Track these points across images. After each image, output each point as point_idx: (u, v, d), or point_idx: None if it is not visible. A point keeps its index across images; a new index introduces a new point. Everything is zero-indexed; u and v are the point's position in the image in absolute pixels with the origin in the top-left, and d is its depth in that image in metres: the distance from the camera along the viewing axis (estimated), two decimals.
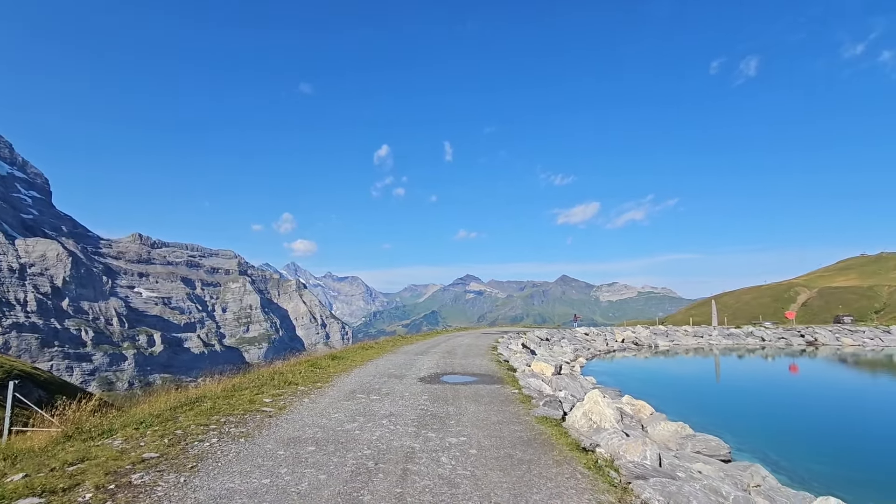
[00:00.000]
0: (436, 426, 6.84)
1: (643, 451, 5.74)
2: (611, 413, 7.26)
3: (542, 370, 13.53)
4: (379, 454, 5.55)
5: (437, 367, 13.15)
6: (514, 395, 9.27)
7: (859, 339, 33.73)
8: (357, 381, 10.59)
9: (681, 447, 8.69)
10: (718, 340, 35.05)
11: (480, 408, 8.05)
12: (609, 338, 34.13)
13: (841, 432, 12.73)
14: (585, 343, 30.70)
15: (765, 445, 10.47)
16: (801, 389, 19.43)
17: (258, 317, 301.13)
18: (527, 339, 26.26)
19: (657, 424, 9.90)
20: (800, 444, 11.10)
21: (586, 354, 26.16)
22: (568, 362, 21.02)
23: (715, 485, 5.10)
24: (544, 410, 7.57)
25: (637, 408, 11.80)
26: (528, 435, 6.40)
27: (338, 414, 7.47)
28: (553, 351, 24.38)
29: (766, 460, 9.41)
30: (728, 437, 10.46)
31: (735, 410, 14.92)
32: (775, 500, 6.10)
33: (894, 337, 33.81)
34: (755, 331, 37.79)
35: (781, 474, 8.57)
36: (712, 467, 6.60)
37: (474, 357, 15.74)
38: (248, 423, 6.77)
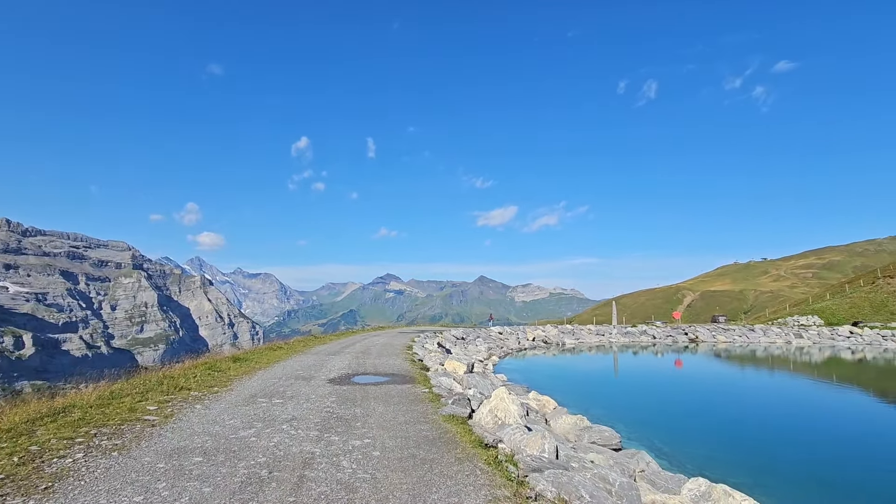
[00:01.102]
0: (340, 429, 6.60)
1: (542, 445, 5.99)
2: (515, 409, 7.50)
3: (455, 369, 13.71)
4: (274, 461, 5.21)
5: (348, 368, 12.79)
6: (425, 394, 9.27)
7: (730, 337, 38.52)
8: (259, 385, 9.95)
9: (578, 438, 9.23)
10: (617, 338, 38.07)
11: (389, 408, 7.93)
12: (521, 336, 35.63)
13: (713, 419, 14.37)
14: (499, 342, 31.75)
15: (651, 434, 11.48)
16: (684, 382, 21.70)
17: (154, 315, 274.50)
18: (443, 338, 26.55)
19: (559, 418, 10.44)
20: (680, 431, 12.33)
21: (499, 353, 27.05)
22: (481, 360, 21.56)
23: (604, 473, 5.45)
24: (452, 409, 7.63)
25: (542, 403, 12.37)
26: (434, 434, 6.41)
27: (233, 420, 6.94)
28: (468, 350, 24.90)
29: (651, 447, 10.32)
30: (620, 428, 11.32)
31: (628, 402, 16.23)
32: (656, 483, 6.67)
33: (757, 335, 39.03)
34: (648, 329, 41.61)
35: (663, 459, 9.44)
36: (603, 456, 7.07)
37: (388, 357, 15.56)
38: (124, 434, 6.04)
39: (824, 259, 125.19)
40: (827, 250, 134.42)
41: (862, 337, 36.29)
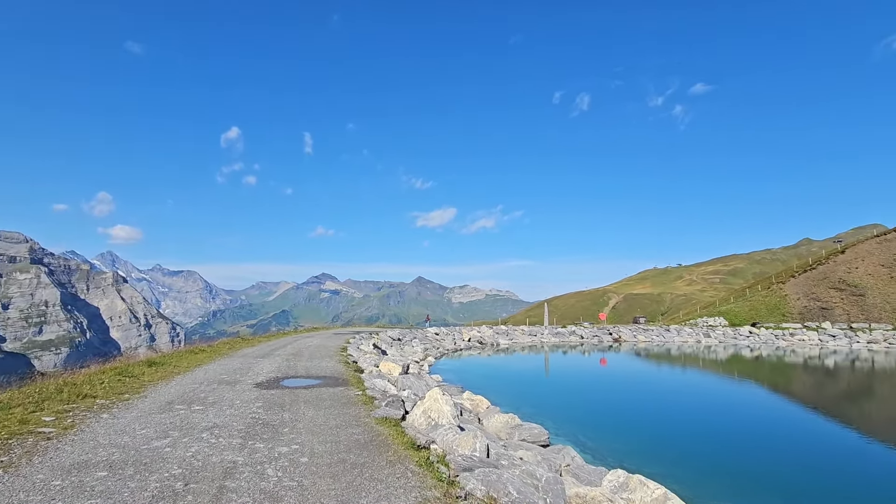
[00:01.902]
0: (266, 435, 6.30)
1: (474, 444, 6.09)
2: (449, 410, 7.57)
3: (390, 370, 13.59)
4: (192, 473, 4.86)
5: (278, 371, 12.26)
6: (358, 396, 9.09)
7: (649, 337, 41.42)
8: (178, 390, 9.27)
9: (509, 436, 9.49)
10: (548, 339, 39.64)
11: (320, 412, 7.69)
12: (457, 337, 36.06)
13: (632, 413, 15.36)
14: (435, 342, 31.92)
15: (577, 429, 12.05)
16: (608, 379, 23.02)
17: (57, 315, 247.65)
18: (379, 339, 26.24)
19: (491, 417, 10.67)
20: (603, 426, 13.05)
21: (435, 353, 27.19)
22: (417, 361, 21.55)
23: (531, 469, 5.64)
24: (385, 411, 7.55)
25: (476, 402, 12.58)
26: (366, 437, 6.30)
27: (145, 430, 6.40)
28: (404, 351, 24.79)
29: (577, 442, 10.83)
30: (549, 424, 11.77)
31: (557, 400, 16.94)
32: (579, 476, 7.01)
33: (672, 335, 42.29)
34: (577, 330, 43.71)
35: (587, 453, 9.94)
36: (532, 453, 7.32)
37: (321, 359, 15.11)
38: (12, 449, 5.37)
39: (729, 266, 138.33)
40: (732, 258, 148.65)
41: (759, 336, 40.49)
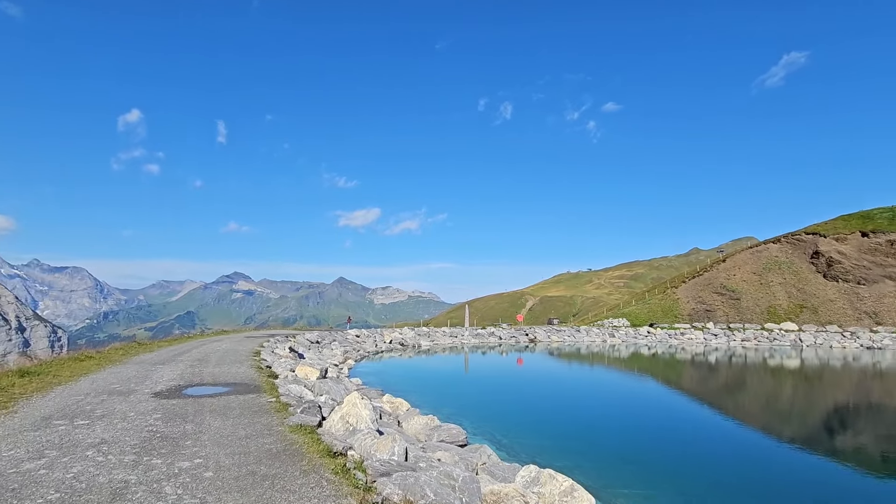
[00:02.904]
0: (165, 450, 5.78)
1: (392, 448, 6.05)
2: (367, 414, 7.45)
3: (307, 375, 13.10)
4: (72, 497, 4.32)
5: (180, 379, 11.30)
6: (271, 403, 8.64)
7: (562, 337, 43.96)
8: (57, 404, 8.19)
9: (429, 438, 9.55)
10: (468, 340, 40.54)
11: (227, 422, 7.20)
12: (378, 339, 35.65)
13: (545, 410, 16.17)
14: (356, 345, 31.29)
15: (494, 428, 12.43)
16: (523, 378, 24.04)
17: None
18: (296, 342, 25.17)
19: (411, 419, 10.68)
20: (518, 424, 13.58)
21: (355, 356, 26.65)
22: (336, 365, 20.98)
23: (449, 469, 5.72)
24: (301, 418, 7.26)
25: (396, 405, 12.52)
26: (279, 447, 6.00)
27: (14, 451, 5.58)
28: (322, 354, 24.01)
29: (493, 440, 11.18)
30: (467, 424, 12.02)
31: (476, 400, 17.36)
32: (494, 473, 7.24)
33: (582, 335, 45.25)
34: (495, 331, 45.18)
35: (503, 451, 10.29)
36: (450, 453, 7.43)
37: (231, 364, 14.16)
38: None
39: (633, 271, 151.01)
40: (635, 264, 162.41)
41: (655, 335, 44.60)
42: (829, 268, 51.69)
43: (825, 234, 54.94)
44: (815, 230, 56.61)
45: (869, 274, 49.38)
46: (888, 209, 55.56)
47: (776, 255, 56.78)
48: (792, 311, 49.50)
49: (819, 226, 57.44)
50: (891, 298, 47.24)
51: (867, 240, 52.18)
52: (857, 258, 50.86)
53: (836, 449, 12.12)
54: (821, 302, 49.51)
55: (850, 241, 52.85)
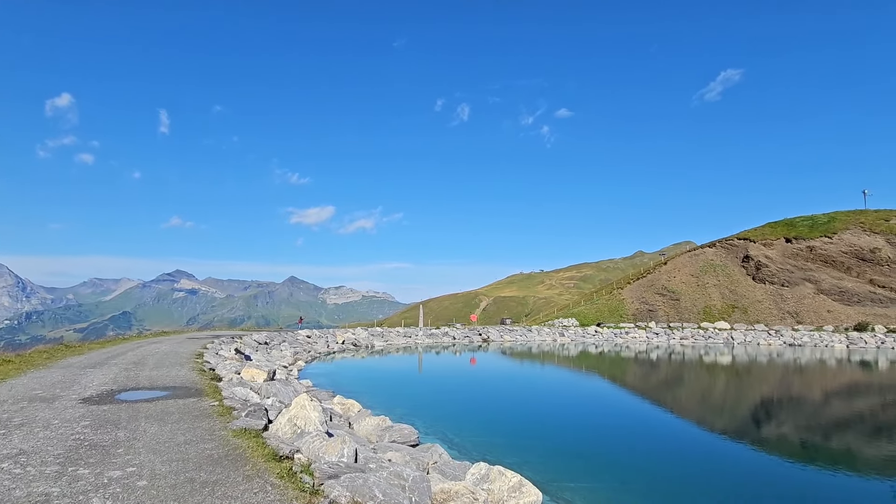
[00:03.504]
0: (94, 459, 5.38)
1: (341, 450, 5.94)
2: (317, 416, 7.28)
3: (254, 377, 12.63)
4: None
5: (114, 383, 10.58)
6: (213, 407, 8.26)
7: (514, 336, 44.86)
8: None
9: (380, 439, 9.47)
10: (422, 340, 40.53)
11: (165, 428, 6.81)
12: (330, 339, 34.94)
13: (497, 408, 16.43)
14: (307, 346, 30.50)
15: (446, 427, 12.49)
16: (476, 377, 24.32)
17: None
18: (242, 343, 24.21)
19: (363, 420, 10.54)
20: (470, 422, 13.72)
21: (306, 357, 25.98)
22: (285, 366, 20.37)
23: (399, 470, 5.69)
24: (245, 422, 6.98)
25: (347, 407, 12.31)
26: (221, 452, 5.74)
27: None
28: (271, 356, 23.23)
29: (445, 439, 11.23)
30: (420, 424, 12.01)
31: (428, 399, 17.38)
32: (445, 472, 7.28)
33: (533, 334, 46.37)
34: (449, 331, 45.45)
35: (455, 450, 10.36)
36: (401, 454, 7.39)
37: (170, 367, 13.41)
38: None
39: (582, 273, 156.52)
40: (584, 266, 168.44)
41: (602, 334, 46.43)
42: (757, 271, 55.80)
43: (754, 239, 59.30)
44: (745, 236, 60.97)
45: (791, 277, 53.76)
46: (808, 217, 60.74)
47: (712, 259, 60.64)
48: (725, 310, 53.00)
49: (749, 232, 61.92)
50: (809, 300, 51.63)
51: (790, 245, 56.79)
52: (782, 262, 55.24)
53: (762, 438, 13.10)
54: (750, 302, 53.34)
55: (775, 247, 57.32)
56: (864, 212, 58.91)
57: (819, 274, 53.04)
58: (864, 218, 57.02)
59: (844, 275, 52.45)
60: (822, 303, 50.99)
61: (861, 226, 55.82)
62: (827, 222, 57.89)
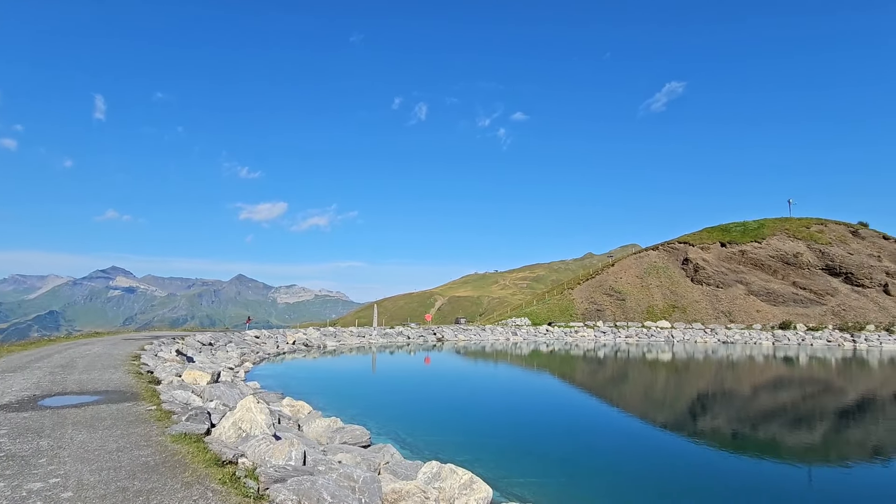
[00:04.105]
0: (11, 471, 4.93)
1: (289, 453, 5.77)
2: (263, 418, 7.02)
3: (196, 379, 12.02)
4: None
5: (37, 388, 9.74)
6: (151, 412, 7.78)
7: (468, 336, 45.28)
8: None
9: (330, 440, 9.28)
10: (377, 339, 40.11)
11: (95, 435, 6.34)
12: (280, 340, 33.87)
13: (450, 407, 16.51)
14: (255, 346, 29.41)
15: (399, 427, 12.42)
16: (430, 376, 24.34)
17: None
18: (185, 344, 23.01)
19: (313, 422, 10.29)
20: (423, 421, 13.72)
21: (254, 358, 25.04)
22: (231, 368, 19.55)
23: (349, 471, 5.59)
24: (186, 426, 6.63)
25: (296, 408, 11.99)
26: (157, 459, 5.42)
27: None
28: (216, 357, 22.22)
29: (398, 439, 11.16)
30: (372, 425, 11.87)
31: (382, 399, 17.20)
32: (397, 472, 7.23)
33: (487, 333, 47.01)
34: (404, 330, 45.24)
35: (407, 449, 10.31)
36: (351, 455, 7.28)
37: (103, 370, 12.52)
38: None
39: (535, 273, 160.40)
40: (536, 266, 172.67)
41: (553, 333, 47.77)
42: (695, 273, 59.29)
43: (693, 243, 62.99)
44: (685, 240, 64.66)
45: (725, 279, 57.51)
46: (740, 224, 65.23)
47: (655, 261, 63.84)
48: (666, 310, 55.93)
49: (689, 236, 65.71)
50: (741, 300, 55.44)
51: (725, 249, 60.76)
52: (717, 265, 58.99)
53: (698, 430, 13.92)
54: (689, 302, 56.59)
55: (711, 251, 61.14)
56: (789, 219, 63.98)
57: (749, 276, 57.07)
58: (789, 225, 61.94)
59: (771, 277, 56.72)
60: (752, 303, 54.90)
61: (786, 232, 60.60)
62: (757, 228, 62.41)
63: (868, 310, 51.15)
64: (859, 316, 50.27)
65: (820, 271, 55.98)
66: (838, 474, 10.16)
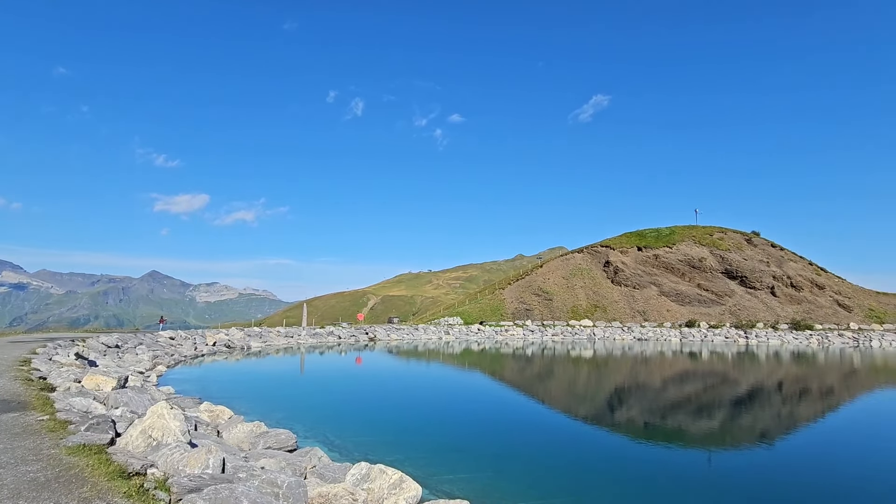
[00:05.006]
0: None
1: (206, 460, 5.40)
2: (177, 425, 6.52)
3: (99, 385, 10.92)
4: None
5: None
6: (43, 422, 6.95)
7: (401, 335, 45.13)
8: None
9: (253, 446, 8.83)
10: (306, 340, 38.78)
11: None
12: (199, 341, 31.68)
13: (380, 406, 16.33)
14: (169, 348, 27.25)
15: (328, 429, 12.08)
16: (361, 377, 23.93)
17: None
18: (86, 346, 20.80)
19: (234, 428, 9.73)
20: (354, 422, 13.45)
21: (168, 361, 23.20)
22: (142, 372, 17.99)
23: (273, 477, 5.35)
24: (85, 437, 5.99)
25: (216, 414, 11.27)
26: (50, 474, 4.84)
27: None
28: (123, 360, 20.33)
29: (326, 442, 10.86)
30: (299, 428, 11.46)
31: (310, 401, 16.64)
32: (324, 475, 7.03)
33: (420, 333, 47.12)
34: (335, 330, 44.13)
35: (336, 452, 10.06)
36: (276, 460, 6.97)
37: None
38: None
39: (468, 273, 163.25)
40: (469, 267, 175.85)
41: (484, 332, 48.91)
42: (615, 275, 63.43)
43: (614, 247, 67.36)
44: (607, 244, 68.98)
45: (641, 280, 62.10)
46: (654, 230, 70.76)
47: (580, 264, 67.49)
48: (589, 310, 59.31)
49: (610, 240, 70.18)
50: (654, 300, 60.13)
51: (641, 253, 65.58)
52: (634, 268, 63.53)
53: (615, 421, 14.91)
54: (609, 302, 60.42)
55: (629, 254, 65.75)
56: (695, 227, 70.39)
57: (661, 278, 62.06)
58: (695, 232, 68.14)
59: (680, 280, 62.08)
60: (664, 303, 59.74)
61: (693, 238, 66.62)
62: (669, 234, 68.02)
63: (758, 309, 57.57)
64: (751, 315, 56.44)
65: (720, 275, 62.15)
66: (733, 456, 11.33)
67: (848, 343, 45.86)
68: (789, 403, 18.32)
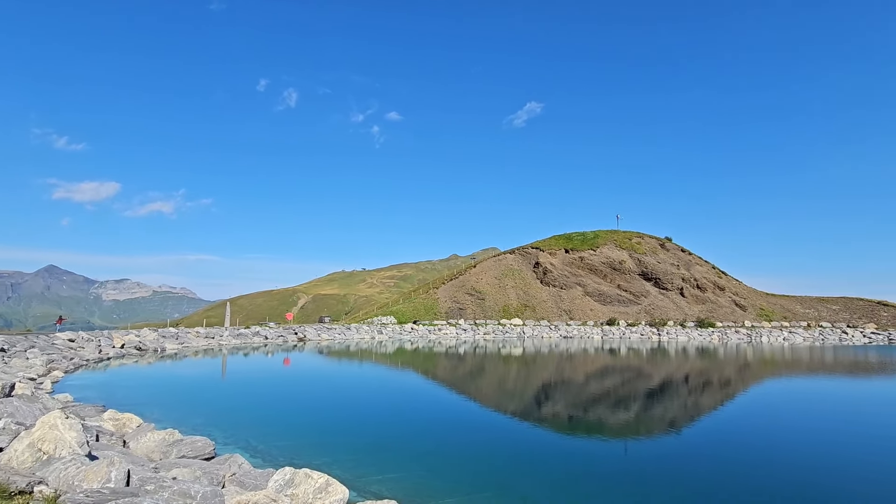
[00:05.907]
0: None
1: (108, 474, 4.92)
2: (73, 437, 5.88)
3: None
4: None
5: None
6: None
7: (332, 335, 43.99)
8: None
9: (165, 455, 8.20)
10: (229, 341, 36.61)
11: None
12: (105, 343, 28.85)
13: (308, 409, 15.80)
14: (69, 352, 24.55)
15: (250, 434, 11.47)
16: (289, 378, 23.02)
17: None
18: None
19: (143, 437, 8.97)
20: (278, 426, 12.87)
21: (66, 366, 20.88)
22: (33, 378, 16.07)
23: (186, 487, 4.99)
24: None
25: (122, 422, 10.32)
26: None
27: None
28: (10, 365, 18.02)
29: (248, 447, 10.31)
30: (218, 434, 10.80)
31: (231, 406, 15.72)
32: (245, 483, 6.68)
33: (352, 332, 46.22)
34: (261, 330, 42.08)
35: (258, 458, 9.59)
36: (190, 469, 6.51)
37: None
38: None
39: (402, 272, 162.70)
40: (404, 266, 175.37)
41: (418, 331, 48.98)
42: (544, 276, 66.20)
43: (543, 249, 70.27)
44: (537, 245, 71.82)
45: (567, 281, 65.31)
46: (580, 233, 74.73)
47: (511, 264, 69.68)
48: (519, 309, 61.38)
49: (539, 242, 73.12)
50: (579, 300, 63.49)
51: (568, 255, 68.98)
52: (562, 269, 66.68)
53: (542, 415, 15.55)
54: (538, 302, 62.92)
55: (557, 256, 68.91)
56: (616, 232, 75.24)
57: (586, 279, 65.68)
58: (616, 236, 72.83)
59: (602, 281, 66.05)
60: (588, 303, 63.26)
61: (614, 242, 71.15)
62: (593, 238, 72.13)
63: (669, 309, 62.69)
64: (663, 314, 61.32)
65: (637, 276, 66.92)
66: (646, 445, 12.25)
67: (743, 339, 51.27)
68: (694, 394, 20.13)
